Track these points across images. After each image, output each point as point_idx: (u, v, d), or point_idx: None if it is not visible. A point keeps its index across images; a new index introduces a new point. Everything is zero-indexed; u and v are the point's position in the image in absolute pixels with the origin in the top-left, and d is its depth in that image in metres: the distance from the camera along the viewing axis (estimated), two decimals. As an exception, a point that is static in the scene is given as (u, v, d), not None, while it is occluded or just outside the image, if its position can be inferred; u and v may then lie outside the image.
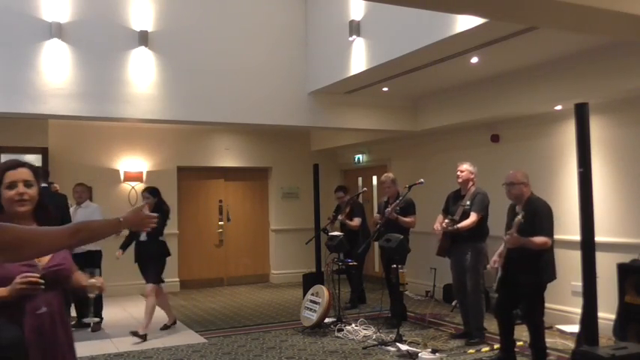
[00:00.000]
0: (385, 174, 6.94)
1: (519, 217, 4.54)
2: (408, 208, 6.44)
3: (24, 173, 2.17)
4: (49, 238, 1.83)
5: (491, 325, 5.67)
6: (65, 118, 6.84)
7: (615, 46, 5.21)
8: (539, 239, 4.53)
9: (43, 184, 6.02)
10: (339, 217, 7.68)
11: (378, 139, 8.96)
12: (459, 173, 5.75)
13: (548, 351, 4.84)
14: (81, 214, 6.45)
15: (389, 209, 6.36)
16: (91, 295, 2.37)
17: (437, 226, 5.77)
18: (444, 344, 5.59)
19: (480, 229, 5.60)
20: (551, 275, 4.71)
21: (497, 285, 4.81)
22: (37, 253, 1.93)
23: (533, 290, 4.67)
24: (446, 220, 5.70)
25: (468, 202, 5.62)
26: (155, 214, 2.09)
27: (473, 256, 5.59)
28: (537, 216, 4.59)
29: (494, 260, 4.82)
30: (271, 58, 7.29)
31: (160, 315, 7.41)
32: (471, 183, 5.74)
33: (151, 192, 6.33)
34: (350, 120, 7.79)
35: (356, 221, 7.63)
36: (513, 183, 4.74)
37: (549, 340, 5.50)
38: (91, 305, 2.74)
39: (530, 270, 4.59)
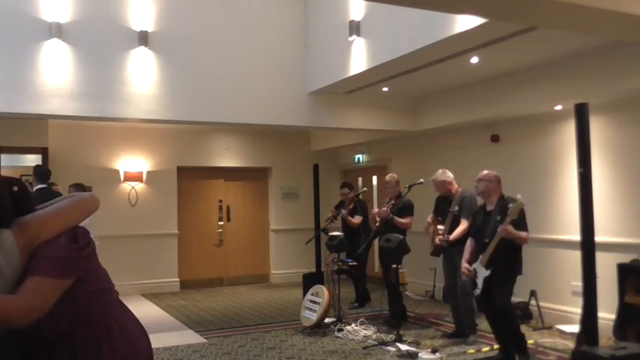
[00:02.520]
0: (390, 174, 6.92)
1: (513, 206, 4.60)
2: (405, 210, 6.42)
3: None
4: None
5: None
6: (65, 118, 6.84)
7: (615, 46, 5.21)
8: (525, 234, 4.67)
9: (42, 185, 6.03)
10: (343, 211, 7.65)
11: (378, 139, 8.96)
12: (437, 188, 5.86)
13: (548, 350, 4.85)
14: None
15: (384, 208, 6.37)
16: None
17: (428, 219, 5.90)
18: (443, 344, 5.59)
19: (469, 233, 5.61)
20: (520, 270, 4.82)
21: (482, 287, 4.81)
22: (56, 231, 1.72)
23: (504, 277, 4.72)
24: (439, 238, 5.76)
25: (457, 208, 5.66)
26: None
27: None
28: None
29: (466, 267, 4.90)
30: (271, 58, 7.29)
31: (159, 315, 7.42)
32: (454, 186, 5.83)
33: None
34: (350, 120, 7.79)
35: (357, 219, 7.62)
36: (481, 179, 4.95)
37: (549, 340, 5.52)
38: None
39: (505, 261, 4.69)
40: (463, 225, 5.57)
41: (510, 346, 4.79)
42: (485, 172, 5.01)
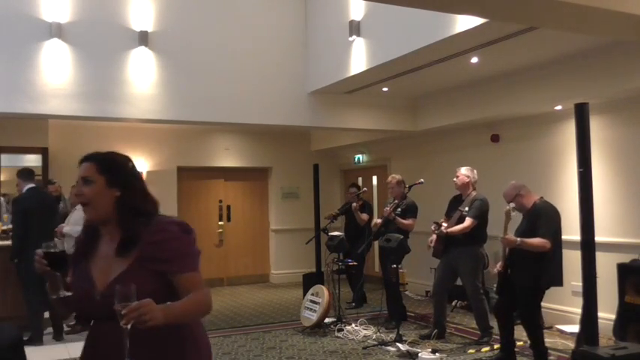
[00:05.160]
0: (391, 175, 6.91)
1: (508, 209, 4.58)
2: (409, 211, 6.40)
3: (83, 169, 1.89)
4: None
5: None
6: (65, 118, 6.84)
7: (615, 46, 5.21)
8: (536, 240, 4.51)
9: (31, 185, 6.01)
10: (354, 204, 7.54)
11: (378, 139, 8.95)
12: (455, 179, 5.73)
13: (548, 351, 4.84)
14: (73, 216, 6.39)
15: (387, 208, 6.34)
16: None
17: (442, 222, 5.80)
18: (443, 344, 5.60)
19: (476, 235, 5.56)
20: (553, 280, 4.65)
21: (497, 287, 4.82)
22: None
23: (529, 294, 4.64)
24: (433, 224, 5.73)
25: (467, 208, 5.59)
26: None
27: (468, 260, 5.57)
28: (538, 219, 4.60)
29: (500, 264, 4.82)
30: (271, 58, 7.29)
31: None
32: (471, 188, 5.68)
33: None
34: (350, 120, 7.79)
35: (364, 216, 7.61)
36: (515, 197, 4.72)
37: (549, 340, 5.50)
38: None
39: (528, 273, 4.57)
40: (466, 223, 5.51)
41: (533, 355, 4.76)
42: (509, 189, 4.78)
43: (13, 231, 5.84)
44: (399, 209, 6.28)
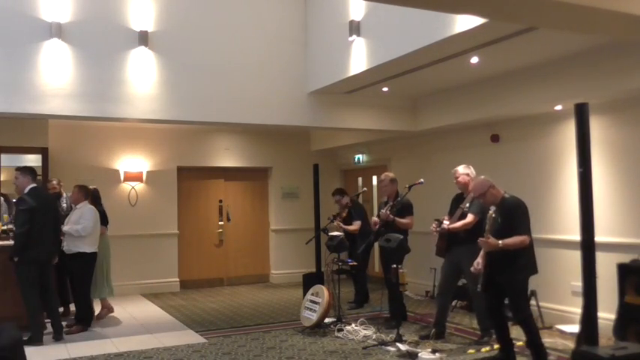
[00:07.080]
0: (384, 173, 6.91)
1: (491, 213, 4.59)
2: (405, 209, 6.40)
3: None
4: None
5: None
6: (65, 118, 6.84)
7: (615, 46, 5.21)
8: (516, 239, 4.54)
9: (34, 185, 6.01)
10: (335, 222, 7.56)
11: (378, 139, 8.96)
12: (455, 180, 5.73)
13: (548, 350, 4.84)
14: (73, 215, 6.43)
15: (384, 211, 6.34)
16: None
17: (445, 220, 5.80)
18: (443, 344, 5.60)
19: (478, 231, 5.55)
20: (531, 270, 4.72)
21: (482, 286, 4.82)
22: None
23: (513, 287, 4.67)
24: (434, 222, 5.72)
25: (467, 205, 5.59)
26: None
27: (471, 258, 5.55)
28: (512, 215, 4.62)
29: (478, 262, 4.87)
30: (271, 58, 7.29)
31: (159, 315, 7.41)
32: (471, 185, 5.71)
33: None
34: (350, 120, 7.79)
35: (355, 225, 7.61)
36: (483, 193, 4.80)
37: (549, 340, 5.51)
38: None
39: (508, 269, 4.62)
40: (468, 219, 5.50)
41: (531, 352, 4.75)
42: (475, 184, 4.89)
43: (16, 229, 5.83)
44: (396, 209, 6.28)
